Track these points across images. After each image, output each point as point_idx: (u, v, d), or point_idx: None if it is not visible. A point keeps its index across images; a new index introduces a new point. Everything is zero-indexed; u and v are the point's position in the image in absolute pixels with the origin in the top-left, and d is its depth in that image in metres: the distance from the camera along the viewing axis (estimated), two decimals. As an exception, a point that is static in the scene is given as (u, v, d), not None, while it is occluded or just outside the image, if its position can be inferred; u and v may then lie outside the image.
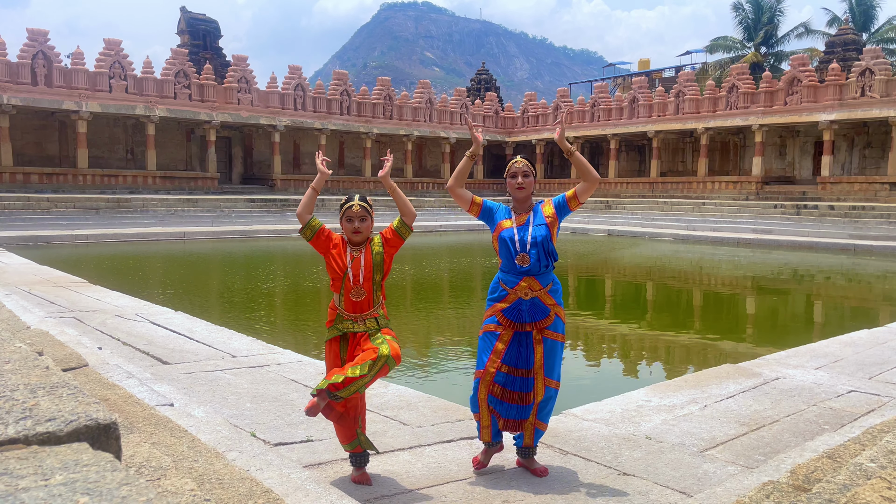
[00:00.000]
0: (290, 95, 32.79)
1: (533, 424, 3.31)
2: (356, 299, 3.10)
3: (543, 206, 3.38)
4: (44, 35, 26.70)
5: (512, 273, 3.29)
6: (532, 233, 3.27)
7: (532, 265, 3.24)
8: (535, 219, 3.33)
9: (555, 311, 3.29)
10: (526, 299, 3.26)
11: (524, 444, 3.34)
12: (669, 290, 13.83)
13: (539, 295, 3.26)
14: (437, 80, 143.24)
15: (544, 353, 3.27)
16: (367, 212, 3.16)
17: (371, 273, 3.13)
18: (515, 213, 3.38)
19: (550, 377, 3.30)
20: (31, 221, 22.05)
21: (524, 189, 3.33)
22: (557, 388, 3.34)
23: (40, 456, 1.25)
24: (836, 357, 5.83)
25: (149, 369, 4.99)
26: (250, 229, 24.18)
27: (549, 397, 3.32)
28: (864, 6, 40.04)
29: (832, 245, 21.02)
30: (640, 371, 7.20)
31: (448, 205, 34.62)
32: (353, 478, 3.16)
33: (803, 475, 2.48)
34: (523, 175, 3.33)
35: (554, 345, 3.30)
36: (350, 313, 3.13)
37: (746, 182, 29.69)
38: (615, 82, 57.56)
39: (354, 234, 3.15)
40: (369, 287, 3.13)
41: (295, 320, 9.94)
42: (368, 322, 3.13)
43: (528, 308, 3.26)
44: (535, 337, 3.27)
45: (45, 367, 1.82)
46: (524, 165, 3.34)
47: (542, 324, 3.27)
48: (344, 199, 3.20)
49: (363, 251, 3.16)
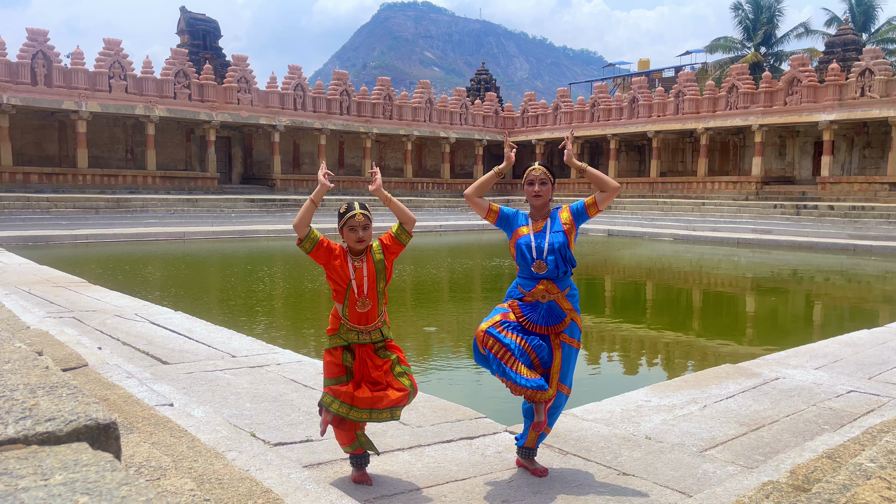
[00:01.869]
0: (289, 95, 32.78)
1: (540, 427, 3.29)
2: (362, 310, 3.05)
3: (561, 212, 3.35)
4: (44, 35, 26.69)
5: (529, 278, 3.27)
6: (549, 239, 3.24)
7: (549, 271, 3.22)
8: (552, 225, 3.29)
9: (571, 317, 3.27)
10: (543, 302, 3.24)
11: (526, 445, 3.33)
12: (669, 290, 13.83)
13: (556, 298, 3.24)
14: (436, 80, 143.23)
15: (561, 358, 3.26)
16: (369, 219, 3.10)
17: (375, 282, 3.08)
18: (532, 220, 3.35)
19: (564, 382, 3.28)
20: (31, 221, 22.05)
21: (541, 197, 3.29)
22: (568, 394, 3.31)
23: (40, 456, 1.25)
24: (836, 357, 5.83)
25: (148, 369, 4.99)
26: (250, 229, 24.17)
27: (558, 403, 3.30)
28: (864, 6, 40.05)
29: (832, 245, 21.02)
30: (640, 371, 7.21)
31: (448, 205, 34.61)
32: (353, 478, 3.16)
33: (803, 475, 2.48)
34: (540, 183, 3.29)
35: (570, 350, 3.29)
36: (355, 324, 3.07)
37: (746, 182, 29.70)
38: (615, 82, 57.56)
39: (358, 244, 3.07)
40: (374, 297, 3.08)
41: (295, 320, 9.94)
42: (374, 334, 3.09)
43: (545, 311, 3.23)
44: (553, 341, 3.25)
45: (44, 367, 1.82)
46: (542, 173, 3.30)
47: (557, 328, 3.25)
48: (343, 207, 3.10)
49: (365, 260, 3.09)
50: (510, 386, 3.08)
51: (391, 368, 3.09)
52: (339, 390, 3.03)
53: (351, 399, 3.00)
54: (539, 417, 3.11)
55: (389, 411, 3.04)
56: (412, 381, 3.11)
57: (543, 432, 3.32)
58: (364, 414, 3.02)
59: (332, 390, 3.05)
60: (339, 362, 3.09)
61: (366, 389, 3.03)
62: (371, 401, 3.00)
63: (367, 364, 3.09)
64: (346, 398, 3.00)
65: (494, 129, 40.38)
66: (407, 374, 3.12)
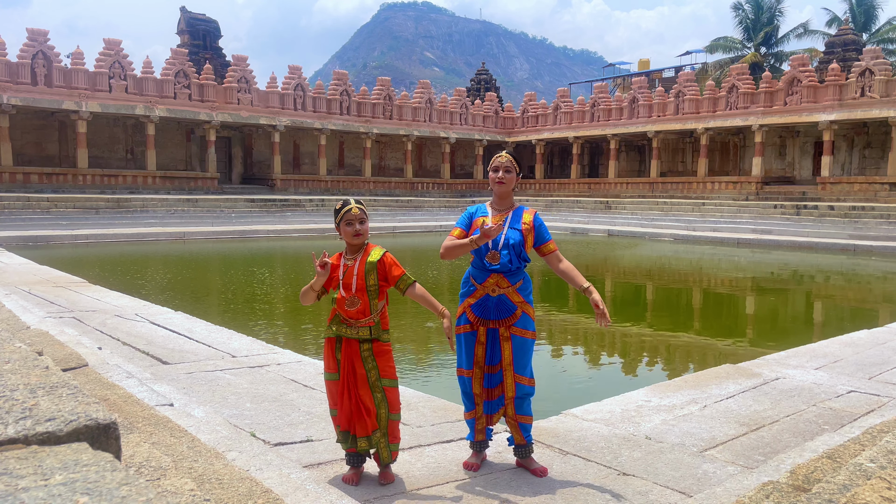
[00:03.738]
0: (289, 95, 32.79)
1: (515, 420, 3.31)
2: (351, 309, 3.09)
3: (525, 213, 3.36)
4: (44, 35, 26.70)
5: (481, 269, 3.30)
6: (506, 234, 3.27)
7: (502, 265, 3.25)
8: (511, 220, 3.32)
9: (522, 309, 3.29)
10: (493, 296, 3.27)
11: (516, 443, 3.34)
12: (669, 290, 13.83)
13: (507, 292, 3.27)
14: (437, 80, 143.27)
15: (513, 350, 3.28)
16: (365, 213, 3.18)
17: (364, 282, 3.09)
18: (494, 210, 3.38)
19: (522, 374, 3.30)
20: (31, 221, 22.05)
21: (504, 184, 3.32)
22: (532, 384, 3.33)
23: (40, 456, 1.25)
24: (836, 357, 5.83)
25: (148, 369, 4.99)
26: (250, 229, 24.17)
27: (524, 394, 3.32)
28: (864, 6, 40.04)
29: (832, 245, 21.02)
30: (639, 371, 7.20)
31: (448, 205, 34.63)
32: (344, 476, 3.15)
33: (803, 475, 2.48)
34: (505, 170, 3.33)
35: (523, 342, 3.29)
36: (345, 317, 3.12)
37: (746, 182, 29.70)
38: (615, 82, 57.57)
39: (355, 238, 3.13)
40: (364, 296, 3.09)
41: (295, 320, 9.94)
42: (361, 331, 3.10)
43: (494, 305, 3.28)
44: (503, 334, 3.29)
45: (44, 367, 1.82)
46: (507, 160, 3.34)
47: (508, 321, 3.28)
48: (339, 204, 3.18)
49: (358, 259, 3.13)
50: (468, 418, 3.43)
51: (368, 383, 3.12)
52: (337, 419, 3.20)
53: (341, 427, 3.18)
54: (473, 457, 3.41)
55: (366, 439, 3.13)
56: (385, 395, 3.14)
57: (523, 422, 3.32)
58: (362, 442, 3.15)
59: (333, 419, 3.26)
60: (332, 354, 3.16)
61: (349, 412, 3.12)
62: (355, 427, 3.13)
63: (352, 368, 3.11)
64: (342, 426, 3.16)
65: (494, 129, 40.37)
66: (383, 388, 3.14)
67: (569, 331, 9.31)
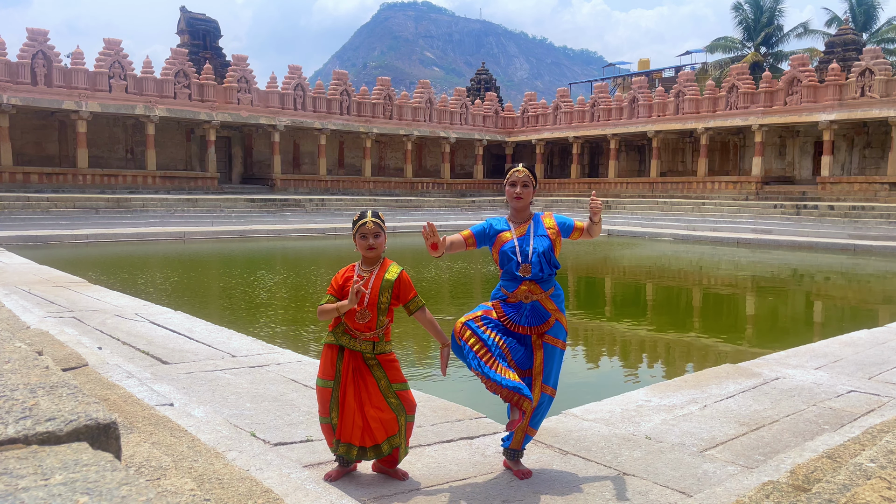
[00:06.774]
0: (289, 95, 32.79)
1: (524, 430, 3.24)
2: (360, 322, 3.07)
3: (544, 218, 3.34)
4: (44, 35, 26.70)
5: (513, 280, 3.26)
6: (534, 244, 3.24)
7: (534, 274, 3.22)
8: (535, 229, 3.29)
9: (556, 317, 3.26)
10: (527, 303, 3.23)
11: (511, 447, 3.29)
12: (669, 289, 13.83)
13: (540, 299, 3.23)
14: (437, 80, 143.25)
15: (544, 359, 3.24)
16: (381, 227, 3.13)
17: (377, 297, 3.08)
18: (514, 224, 3.33)
19: (547, 384, 3.25)
20: (31, 221, 22.06)
21: (522, 199, 3.29)
22: (553, 395, 3.29)
23: (40, 456, 1.25)
24: (836, 357, 5.83)
25: (148, 369, 4.99)
26: (250, 229, 24.17)
27: (542, 403, 3.27)
28: (864, 6, 40.04)
29: (832, 245, 21.02)
30: (639, 371, 7.20)
31: (448, 205, 34.63)
32: (328, 473, 3.13)
33: (803, 475, 2.48)
34: (522, 185, 3.28)
35: (553, 350, 3.26)
36: (351, 328, 3.10)
37: (746, 182, 29.70)
38: (615, 82, 57.56)
39: (369, 251, 3.11)
40: (373, 311, 3.08)
41: (295, 320, 9.93)
42: (364, 344, 3.09)
43: (528, 311, 3.23)
44: (535, 342, 3.24)
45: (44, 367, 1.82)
46: (524, 175, 3.29)
47: (541, 328, 3.23)
48: (356, 216, 3.16)
49: (374, 273, 3.11)
50: (486, 382, 3.08)
51: (380, 390, 3.10)
52: (327, 428, 3.16)
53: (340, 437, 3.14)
54: (514, 416, 3.11)
55: (374, 449, 3.11)
56: (400, 400, 3.12)
57: (529, 434, 3.28)
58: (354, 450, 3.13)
59: (322, 426, 3.20)
60: (332, 362, 3.13)
61: (352, 422, 3.09)
62: (356, 438, 3.10)
63: (360, 378, 3.09)
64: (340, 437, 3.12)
65: (494, 129, 40.38)
66: (396, 392, 3.12)
67: (569, 331, 9.30)
